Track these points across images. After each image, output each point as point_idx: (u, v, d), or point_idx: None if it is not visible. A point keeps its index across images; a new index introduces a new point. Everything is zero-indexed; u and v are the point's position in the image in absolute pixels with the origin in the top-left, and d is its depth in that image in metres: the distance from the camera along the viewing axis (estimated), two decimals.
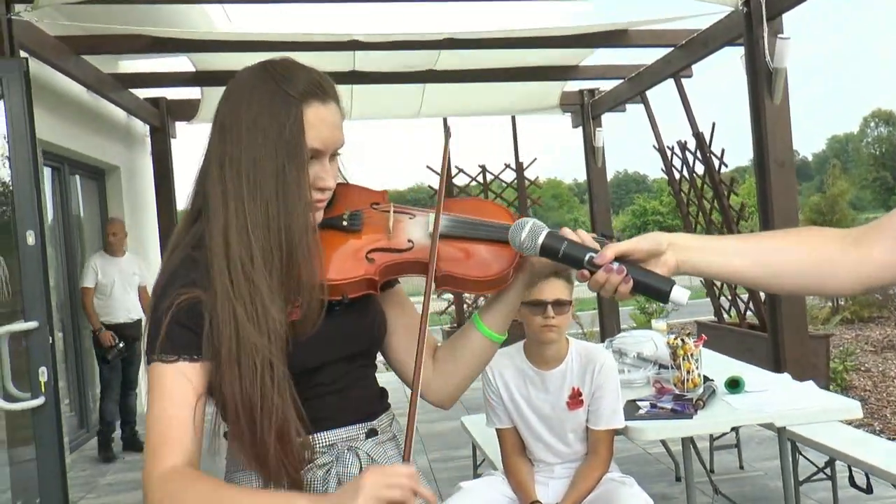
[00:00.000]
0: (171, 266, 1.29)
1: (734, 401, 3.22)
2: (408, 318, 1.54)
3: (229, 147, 1.27)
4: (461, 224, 1.42)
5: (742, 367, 3.89)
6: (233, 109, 1.29)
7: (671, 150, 8.19)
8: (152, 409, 1.23)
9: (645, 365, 3.71)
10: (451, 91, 8.28)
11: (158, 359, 1.23)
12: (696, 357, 3.36)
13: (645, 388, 3.54)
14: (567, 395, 2.79)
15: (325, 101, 1.31)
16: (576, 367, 2.80)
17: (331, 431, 1.36)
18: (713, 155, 7.47)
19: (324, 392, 1.36)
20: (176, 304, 1.23)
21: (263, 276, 1.24)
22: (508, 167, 10.34)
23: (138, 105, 7.85)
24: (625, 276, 1.24)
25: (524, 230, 1.32)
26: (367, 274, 1.34)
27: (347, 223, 1.40)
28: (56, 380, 3.36)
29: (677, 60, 7.00)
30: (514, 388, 2.85)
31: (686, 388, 3.34)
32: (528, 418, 2.85)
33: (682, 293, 1.23)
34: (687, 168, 7.99)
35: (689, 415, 3.04)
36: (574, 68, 7.95)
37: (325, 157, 1.33)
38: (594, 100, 9.14)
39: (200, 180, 1.34)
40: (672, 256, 1.26)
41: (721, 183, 7.49)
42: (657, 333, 3.93)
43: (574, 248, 1.29)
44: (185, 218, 1.37)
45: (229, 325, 1.22)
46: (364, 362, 1.45)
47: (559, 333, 2.75)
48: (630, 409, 3.12)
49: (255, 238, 1.24)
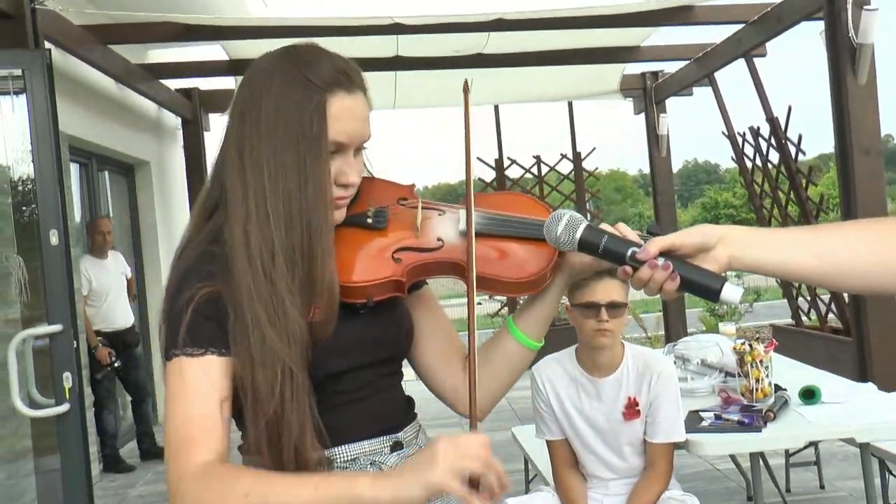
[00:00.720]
0: (186, 262, 1.30)
1: (809, 413, 3.16)
2: (437, 323, 1.54)
3: (249, 135, 1.29)
4: (493, 221, 1.41)
5: (819, 376, 3.82)
6: (252, 96, 1.30)
7: (742, 137, 8.06)
8: (174, 407, 1.23)
9: (709, 372, 3.66)
10: (502, 76, 8.26)
11: (183, 353, 1.23)
12: (766, 364, 3.31)
13: (709, 397, 3.49)
14: (622, 404, 2.77)
15: (351, 91, 1.31)
16: (632, 374, 2.78)
17: (353, 444, 1.36)
18: (789, 142, 7.33)
19: (346, 401, 1.36)
20: (197, 296, 1.24)
21: (284, 276, 1.24)
22: (565, 157, 10.28)
23: (169, 96, 8.01)
24: (671, 272, 1.22)
25: (561, 223, 1.31)
26: (393, 275, 1.34)
27: (372, 220, 1.40)
28: (81, 386, 3.45)
29: (749, 38, 6.87)
30: (566, 397, 2.84)
31: (755, 399, 3.29)
32: (580, 429, 2.83)
33: (734, 291, 1.21)
34: (760, 156, 7.85)
35: (757, 428, 2.99)
36: (635, 49, 7.87)
37: (350, 151, 1.33)
38: (657, 83, 9.04)
39: (217, 171, 1.35)
40: (723, 251, 1.24)
41: (798, 172, 7.34)
42: (724, 338, 3.87)
43: (615, 243, 1.28)
44: (199, 211, 1.37)
45: (257, 330, 1.23)
46: (390, 369, 1.45)
47: (613, 338, 2.73)
48: (692, 420, 3.08)
49: (277, 234, 1.25)
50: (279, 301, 1.23)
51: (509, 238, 1.41)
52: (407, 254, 1.38)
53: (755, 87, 7.40)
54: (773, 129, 7.41)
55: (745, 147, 8.07)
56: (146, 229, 8.40)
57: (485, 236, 1.41)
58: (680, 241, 1.24)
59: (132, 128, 7.91)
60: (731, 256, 1.24)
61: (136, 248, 8.33)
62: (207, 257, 1.29)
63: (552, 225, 1.32)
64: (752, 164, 8.06)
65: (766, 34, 6.62)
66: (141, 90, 7.15)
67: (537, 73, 8.24)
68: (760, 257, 1.25)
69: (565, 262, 1.43)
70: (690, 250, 1.25)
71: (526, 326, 1.48)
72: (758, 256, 1.25)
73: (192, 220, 1.38)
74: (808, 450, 4.61)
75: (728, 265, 1.25)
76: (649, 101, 9.12)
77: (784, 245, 1.26)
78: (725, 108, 8.14)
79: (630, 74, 9.06)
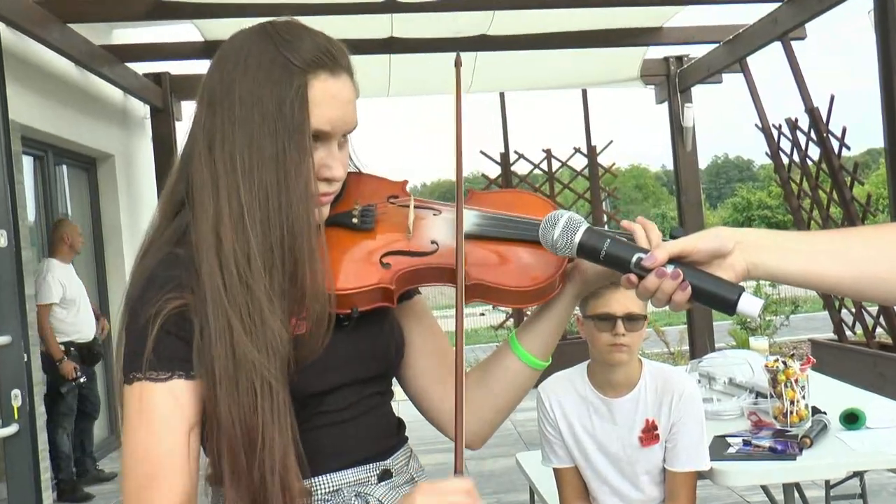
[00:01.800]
0: (147, 266, 1.29)
1: (852, 439, 3.14)
2: (430, 337, 1.53)
3: (220, 123, 1.27)
4: (494, 221, 1.41)
5: (864, 398, 3.80)
6: (224, 79, 1.29)
7: (778, 130, 8.07)
8: (134, 440, 1.21)
9: (738, 393, 3.65)
10: (508, 61, 8.28)
11: (146, 377, 1.21)
12: (802, 384, 3.30)
13: (737, 421, 3.48)
14: (640, 428, 2.76)
15: (336, 73, 1.30)
16: (650, 394, 2.77)
17: (335, 473, 1.34)
18: (831, 135, 7.35)
19: (328, 423, 1.35)
20: (165, 310, 1.23)
21: (262, 281, 1.23)
22: (578, 152, 10.30)
23: (137, 82, 8.02)
24: (681, 281, 1.21)
25: (558, 226, 1.30)
26: (381, 282, 1.33)
27: (358, 220, 1.39)
28: (32, 404, 3.44)
29: (786, 18, 6.88)
30: (576, 420, 2.83)
31: (789, 423, 3.28)
32: (591, 456, 2.82)
33: (752, 303, 1.20)
34: (798, 152, 7.86)
35: (792, 455, 2.97)
36: (657, 31, 7.88)
37: (333, 140, 1.32)
38: (682, 69, 9.06)
39: (183, 164, 1.33)
40: (740, 258, 1.23)
41: (841, 169, 7.35)
42: (754, 354, 3.86)
43: (619, 248, 1.27)
44: (162, 210, 1.36)
45: (224, 339, 1.21)
46: (377, 388, 1.44)
47: (630, 354, 2.72)
48: (718, 446, 3.07)
49: (254, 233, 1.24)
50: (256, 307, 1.22)
51: (513, 241, 1.40)
52: (397, 258, 1.36)
53: (793, 74, 7.41)
54: (812, 120, 7.43)
55: (781, 141, 8.09)
56: (109, 231, 8.41)
57: (484, 239, 1.40)
58: (691, 246, 1.23)
59: (94, 117, 7.93)
60: (750, 263, 1.23)
61: (98, 253, 8.33)
62: (172, 261, 1.28)
63: (548, 227, 1.31)
64: (789, 159, 8.08)
65: (806, 14, 6.62)
66: (104, 75, 7.16)
67: (547, 57, 8.25)
68: (783, 265, 1.24)
69: (577, 271, 1.42)
70: (704, 256, 1.23)
71: (531, 343, 1.47)
72: (780, 264, 1.24)
73: (156, 218, 1.36)
74: (851, 481, 4.58)
75: (746, 273, 1.24)
76: (673, 89, 9.14)
77: (811, 251, 1.24)
78: (759, 98, 8.15)
79: (652, 59, 9.08)
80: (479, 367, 1.50)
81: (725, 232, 1.24)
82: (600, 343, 2.71)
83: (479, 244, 1.39)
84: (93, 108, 7.88)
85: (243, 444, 1.21)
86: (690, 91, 9.14)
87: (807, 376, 3.33)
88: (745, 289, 1.22)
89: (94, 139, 7.90)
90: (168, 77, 8.70)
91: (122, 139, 8.68)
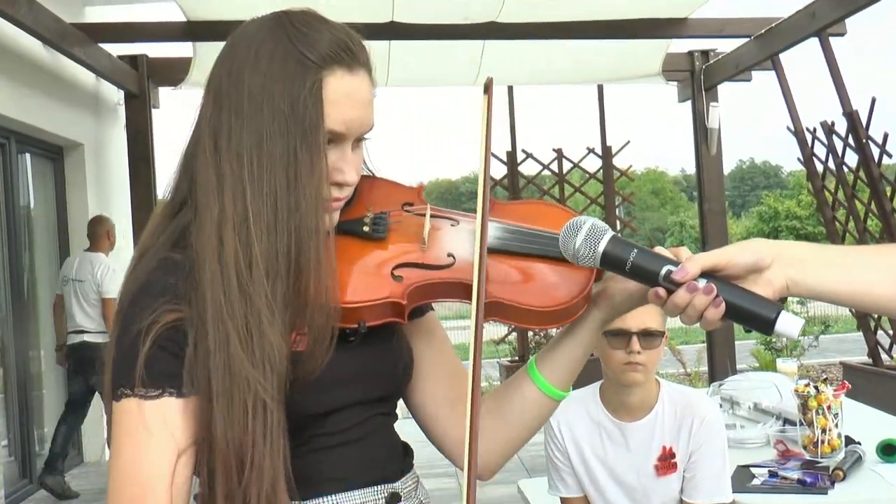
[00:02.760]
0: (143, 271, 1.30)
1: (890, 472, 3.16)
2: (441, 358, 1.54)
3: (227, 119, 1.29)
4: (517, 235, 1.41)
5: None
6: (233, 71, 1.31)
7: (812, 134, 8.09)
8: (121, 460, 1.23)
9: (764, 419, 3.66)
10: (519, 51, 8.30)
11: (136, 394, 1.23)
12: (835, 411, 3.31)
13: (763, 449, 3.50)
14: (656, 455, 2.76)
15: (353, 70, 1.32)
16: (668, 419, 2.78)
17: (340, 495, 1.36)
18: (871, 141, 7.36)
19: (329, 444, 1.36)
20: (159, 324, 1.24)
21: (263, 290, 1.24)
22: (592, 152, 10.31)
23: (110, 64, 8.03)
24: (714, 297, 1.22)
25: (580, 233, 1.30)
26: (392, 296, 1.34)
27: (370, 229, 1.40)
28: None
29: (825, 12, 6.89)
30: (587, 445, 2.83)
31: (820, 453, 3.29)
32: (602, 485, 2.83)
33: (792, 323, 1.21)
34: (834, 158, 7.88)
35: (823, 489, 2.99)
36: (682, 22, 7.90)
37: (347, 143, 1.34)
38: (708, 65, 9.08)
39: (187, 161, 1.35)
40: (779, 273, 1.24)
41: (882, 179, 7.37)
42: (783, 377, 3.87)
43: (647, 258, 1.27)
44: (163, 210, 1.38)
45: (221, 353, 1.22)
46: (382, 409, 1.45)
47: (646, 374, 2.73)
48: (741, 477, 3.08)
49: (258, 238, 1.25)
50: (255, 319, 1.23)
51: (535, 257, 1.40)
52: (410, 271, 1.37)
53: (830, 74, 7.42)
54: (851, 125, 7.44)
55: (815, 146, 8.09)
56: (76, 225, 8.38)
57: (505, 253, 1.40)
58: (727, 259, 1.24)
59: (63, 101, 7.94)
60: (790, 279, 1.24)
61: (63, 250, 8.33)
62: (168, 266, 1.29)
63: (569, 234, 1.31)
64: (823, 166, 8.09)
65: (848, 7, 6.64)
66: (75, 56, 7.16)
67: (562, 48, 8.28)
68: (826, 281, 1.25)
69: (603, 294, 1.42)
70: (739, 271, 1.24)
71: (551, 372, 1.47)
72: (823, 280, 1.25)
73: (153, 221, 1.38)
74: None
75: (785, 290, 1.25)
76: (697, 87, 9.16)
77: (856, 266, 1.25)
78: (792, 98, 8.16)
79: (675, 53, 9.10)
80: (493, 395, 1.51)
81: (763, 245, 1.25)
82: (614, 361, 2.72)
83: (500, 259, 1.39)
84: (61, 91, 7.89)
85: (235, 465, 1.22)
86: (716, 89, 9.16)
87: (840, 403, 3.35)
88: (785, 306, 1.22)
89: (62, 126, 7.91)
90: (145, 60, 8.70)
91: (93, 127, 8.70)
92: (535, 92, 12.13)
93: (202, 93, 1.36)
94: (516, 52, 8.32)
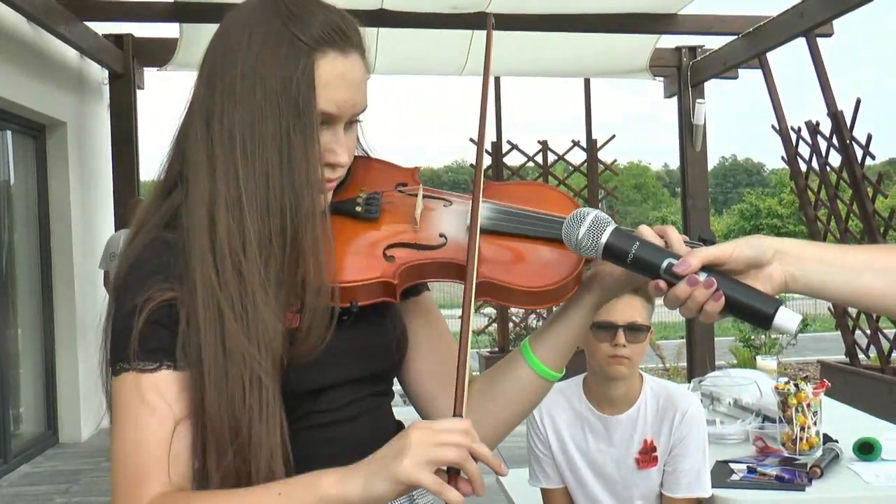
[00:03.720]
0: (136, 250, 1.32)
1: (866, 471, 3.18)
2: (436, 337, 1.55)
3: (220, 100, 1.30)
4: (510, 215, 1.43)
5: (878, 427, 3.85)
6: (226, 52, 1.32)
7: (797, 133, 8.13)
8: (123, 432, 1.26)
9: (744, 416, 3.68)
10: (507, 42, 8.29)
11: (133, 367, 1.25)
12: (814, 409, 3.33)
13: (742, 446, 3.51)
14: (637, 449, 2.78)
15: (346, 52, 1.34)
16: (650, 412, 2.80)
17: None
18: (855, 142, 7.41)
19: (322, 422, 1.38)
20: (153, 301, 1.26)
21: (257, 268, 1.26)
22: (577, 145, 10.33)
23: (95, 43, 7.99)
24: (714, 291, 1.23)
25: (584, 224, 1.31)
26: (383, 276, 1.35)
27: (362, 209, 1.41)
28: None
29: (813, 12, 6.93)
30: (569, 437, 2.85)
31: (798, 450, 3.31)
32: (583, 478, 2.85)
33: (790, 318, 1.23)
34: (818, 158, 7.93)
35: (800, 486, 3.01)
36: (670, 18, 7.92)
37: (340, 124, 1.35)
38: (696, 61, 9.11)
39: (180, 141, 1.37)
40: (779, 269, 1.26)
41: (864, 180, 7.41)
42: (763, 375, 3.88)
43: (648, 251, 1.29)
44: (156, 190, 1.39)
45: (213, 328, 1.24)
46: (376, 388, 1.47)
47: (631, 367, 2.74)
48: (720, 472, 3.10)
49: (252, 219, 1.27)
50: (249, 297, 1.25)
51: (528, 238, 1.42)
52: (402, 251, 1.39)
53: (816, 74, 7.46)
54: (835, 125, 7.48)
55: (799, 145, 8.14)
56: (57, 205, 8.34)
57: (498, 234, 1.42)
58: (727, 253, 1.26)
59: (45, 79, 7.87)
60: (790, 275, 1.26)
61: (43, 229, 8.27)
62: (160, 245, 1.31)
63: (573, 225, 1.32)
64: (807, 166, 8.13)
65: (836, 8, 6.68)
66: (60, 33, 7.12)
67: (550, 40, 8.29)
68: (825, 279, 1.27)
69: (595, 278, 1.44)
70: (740, 265, 1.26)
71: (544, 352, 1.48)
72: (822, 277, 1.27)
73: (147, 201, 1.40)
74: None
75: (784, 286, 1.27)
76: (684, 83, 9.19)
77: (854, 265, 1.27)
78: (778, 97, 8.21)
79: (663, 48, 9.13)
80: (486, 376, 1.52)
81: (765, 240, 1.27)
82: (599, 354, 2.73)
83: (491, 239, 1.41)
84: (44, 69, 7.82)
85: (230, 440, 1.24)
86: (703, 86, 9.19)
87: (819, 401, 3.37)
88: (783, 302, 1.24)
89: (45, 104, 7.84)
90: (131, 39, 8.68)
91: (76, 105, 8.63)
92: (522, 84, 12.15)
93: (188, 74, 1.37)
94: (504, 43, 8.31)
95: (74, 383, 8.21)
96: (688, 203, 9.37)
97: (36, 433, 7.95)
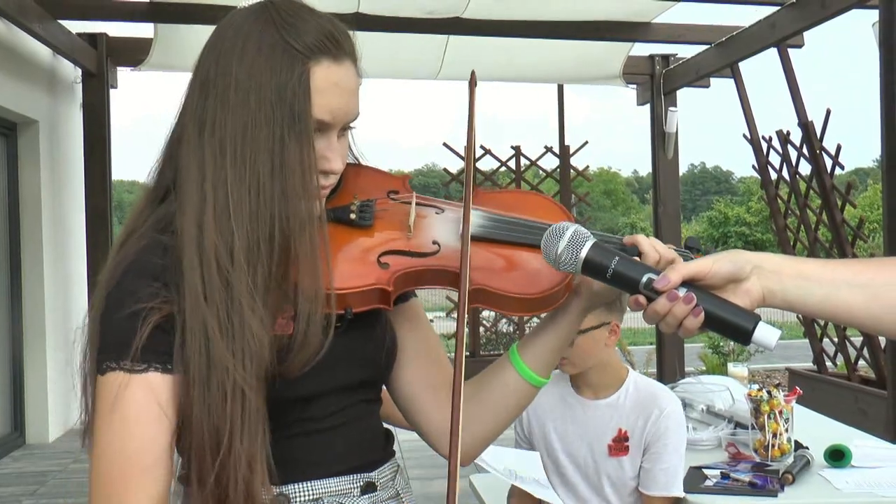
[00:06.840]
0: (131, 251, 1.31)
1: (836, 477, 3.21)
2: (424, 343, 1.57)
3: (212, 107, 1.31)
4: (501, 223, 1.45)
5: (849, 434, 3.88)
6: (220, 60, 1.33)
7: (767, 143, 8.19)
8: (106, 436, 1.25)
9: (716, 422, 3.70)
10: (482, 47, 8.31)
11: (120, 367, 1.25)
12: (785, 416, 3.36)
13: (715, 452, 3.54)
14: (611, 436, 2.85)
15: (339, 60, 1.35)
16: (629, 404, 2.86)
17: (317, 482, 1.39)
18: (825, 152, 7.46)
19: (312, 430, 1.39)
20: (151, 304, 1.25)
21: (244, 277, 1.26)
22: (550, 151, 10.35)
23: (69, 41, 7.91)
24: (693, 306, 1.25)
25: (563, 239, 1.32)
26: (378, 283, 1.36)
27: (356, 216, 1.42)
28: None
29: (785, 24, 7.01)
30: (551, 424, 2.93)
31: (770, 457, 3.34)
32: (561, 463, 2.91)
33: (769, 333, 1.24)
34: (788, 167, 7.99)
35: (772, 492, 3.04)
36: (644, 26, 7.97)
37: (334, 131, 1.36)
38: (669, 69, 9.17)
39: (171, 148, 1.37)
40: (757, 284, 1.28)
41: (834, 189, 7.48)
42: (734, 382, 3.92)
43: (628, 267, 1.30)
44: (146, 196, 1.39)
45: (198, 339, 1.25)
46: (365, 396, 1.48)
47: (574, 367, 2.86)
48: (694, 478, 3.12)
49: (238, 227, 1.27)
50: (235, 307, 1.25)
51: (518, 246, 1.44)
52: (396, 258, 1.40)
53: (787, 84, 7.52)
54: (805, 135, 7.53)
55: (769, 154, 8.19)
56: (28, 205, 8.29)
57: (491, 242, 1.44)
58: (706, 268, 1.27)
59: (17, 77, 7.81)
60: (767, 290, 1.28)
61: (13, 229, 8.20)
62: (157, 249, 1.31)
63: (552, 240, 1.33)
64: (777, 175, 8.19)
65: (807, 21, 6.74)
66: (33, 31, 7.04)
67: (524, 46, 8.31)
68: (803, 293, 1.29)
69: (584, 284, 1.45)
70: (718, 280, 1.28)
71: (532, 358, 1.50)
72: (800, 292, 1.28)
73: (136, 206, 1.40)
74: None
75: (762, 300, 1.29)
76: (657, 91, 9.24)
77: (832, 280, 1.29)
78: (749, 106, 8.27)
79: (636, 56, 9.18)
80: (474, 381, 1.54)
81: (743, 255, 1.29)
82: None
83: (483, 247, 1.42)
84: (15, 67, 7.75)
85: (210, 448, 1.24)
86: (676, 94, 9.25)
87: (791, 408, 3.40)
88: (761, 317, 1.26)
89: (16, 102, 7.78)
90: (105, 39, 8.58)
91: (48, 104, 8.57)
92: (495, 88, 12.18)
93: (162, 74, 1.37)
94: (478, 48, 8.34)
95: (42, 384, 8.14)
96: (659, 210, 9.42)
97: (2, 434, 7.87)
